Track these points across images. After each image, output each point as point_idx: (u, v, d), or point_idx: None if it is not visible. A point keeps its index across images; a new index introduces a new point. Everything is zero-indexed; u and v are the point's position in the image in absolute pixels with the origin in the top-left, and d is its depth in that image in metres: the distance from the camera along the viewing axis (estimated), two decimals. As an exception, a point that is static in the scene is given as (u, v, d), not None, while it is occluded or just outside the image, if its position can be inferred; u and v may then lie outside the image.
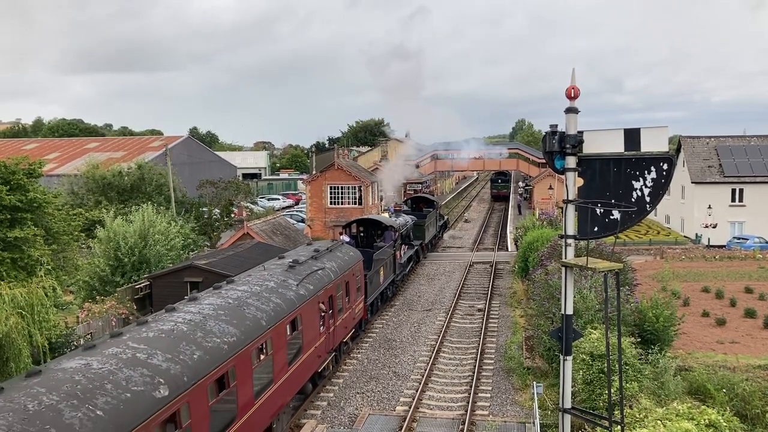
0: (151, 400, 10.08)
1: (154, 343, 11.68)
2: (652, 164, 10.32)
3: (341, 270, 22.00)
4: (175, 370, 11.11)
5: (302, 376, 17.67)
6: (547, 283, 22.71)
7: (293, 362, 16.77)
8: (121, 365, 10.54)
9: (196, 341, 12.31)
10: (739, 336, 27.07)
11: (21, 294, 16.69)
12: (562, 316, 11.32)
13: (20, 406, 8.57)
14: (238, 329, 13.69)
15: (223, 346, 12.78)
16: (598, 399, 15.47)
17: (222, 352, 12.59)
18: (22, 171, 26.70)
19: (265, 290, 16.56)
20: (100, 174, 46.45)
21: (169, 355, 11.40)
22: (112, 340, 11.86)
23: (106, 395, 9.52)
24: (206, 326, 13.10)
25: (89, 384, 9.63)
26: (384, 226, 32.12)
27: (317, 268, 20.17)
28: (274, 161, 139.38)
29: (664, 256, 44.01)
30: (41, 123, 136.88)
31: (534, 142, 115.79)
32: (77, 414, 8.79)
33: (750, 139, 56.92)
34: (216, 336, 12.93)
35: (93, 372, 10.05)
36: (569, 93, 10.71)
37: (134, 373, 10.44)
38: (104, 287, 27.56)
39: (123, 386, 9.94)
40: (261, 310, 15.20)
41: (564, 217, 11.30)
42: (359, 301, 24.59)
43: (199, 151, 77.70)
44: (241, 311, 14.64)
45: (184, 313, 13.70)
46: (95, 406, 9.18)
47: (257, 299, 15.69)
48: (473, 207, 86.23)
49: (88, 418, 8.84)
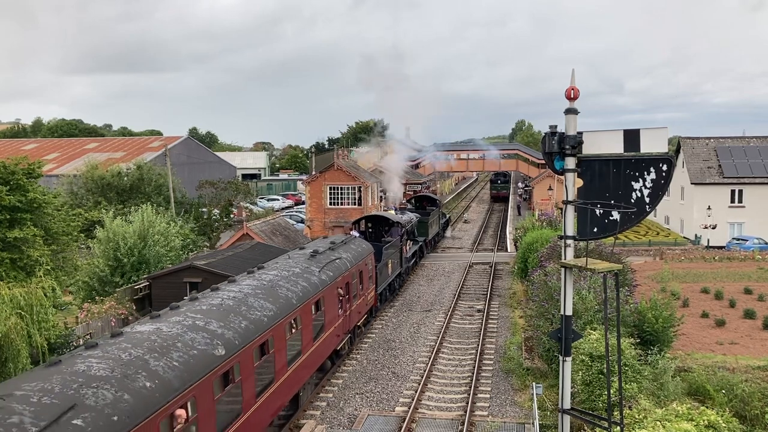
0: (212, 357, 12.19)
1: (208, 314, 13.81)
2: (652, 165, 10.33)
3: (355, 260, 23.95)
4: (228, 335, 13.20)
5: (324, 351, 19.87)
6: (547, 284, 22.71)
7: (317, 338, 18.94)
8: (186, 329, 12.63)
9: (241, 313, 14.49)
10: (739, 337, 27.08)
11: (20, 294, 16.69)
12: (562, 317, 11.32)
13: (116, 356, 10.71)
14: (274, 305, 15.87)
15: (263, 318, 14.96)
16: (597, 400, 15.47)
17: (263, 323, 14.78)
18: (21, 171, 26.71)
19: (293, 275, 18.69)
20: (100, 174, 46.48)
21: (222, 323, 13.52)
22: (171, 311, 13.91)
23: (178, 351, 11.60)
24: (248, 302, 15.24)
25: (164, 342, 11.71)
26: (391, 222, 33.82)
27: (335, 258, 22.11)
28: (273, 162, 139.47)
29: (664, 257, 44.04)
30: (41, 123, 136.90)
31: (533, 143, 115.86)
32: (160, 363, 10.93)
33: (749, 140, 56.96)
34: (257, 310, 15.11)
35: (164, 334, 12.15)
36: (569, 94, 10.72)
37: (197, 335, 12.56)
38: (103, 288, 27.55)
39: (190, 345, 12.06)
40: (291, 291, 17.40)
41: (563, 217, 11.31)
42: (371, 290, 26.44)
43: (199, 152, 77.71)
44: (275, 291, 16.80)
45: (227, 292, 15.77)
46: (172, 358, 11.26)
47: (287, 282, 17.90)
48: (473, 208, 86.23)
49: (169, 366, 11.00)
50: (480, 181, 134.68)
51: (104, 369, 10.12)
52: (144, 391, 10.01)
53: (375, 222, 34.30)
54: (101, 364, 10.31)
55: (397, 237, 32.95)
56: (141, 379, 10.25)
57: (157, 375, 10.58)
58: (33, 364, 15.75)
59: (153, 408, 9.92)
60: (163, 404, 10.18)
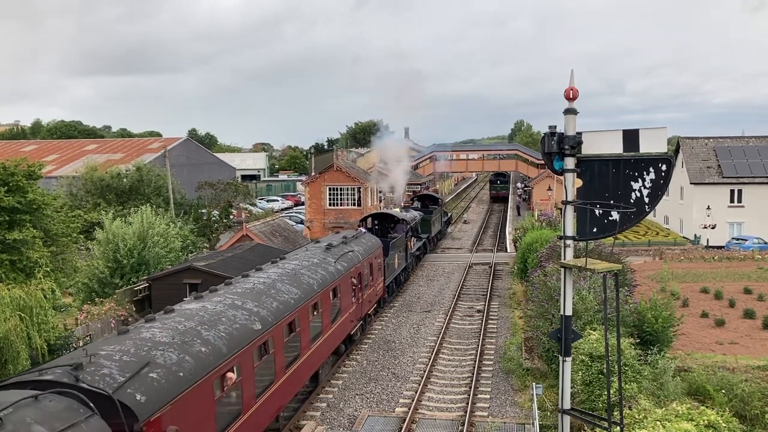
0: (251, 331, 14.18)
1: (244, 296, 15.73)
2: (651, 165, 10.32)
3: (366, 254, 25.75)
4: (263, 313, 15.20)
5: (340, 334, 21.82)
6: (546, 284, 22.71)
7: (334, 321, 20.89)
8: (227, 307, 14.59)
9: (272, 295, 16.54)
10: (738, 337, 27.09)
11: (20, 296, 16.69)
12: (561, 317, 11.32)
13: (173, 327, 12.67)
14: (298, 290, 17.90)
15: (290, 300, 17.00)
16: (597, 400, 15.47)
17: (290, 304, 16.81)
18: (21, 173, 26.68)
19: (312, 264, 20.67)
20: (99, 176, 46.44)
21: (256, 303, 15.51)
22: (211, 293, 15.81)
23: (223, 324, 13.58)
24: (276, 286, 17.28)
25: (211, 317, 13.71)
26: (397, 219, 35.60)
27: (348, 250, 24.05)
28: (273, 163, 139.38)
29: (663, 257, 44.05)
30: (40, 125, 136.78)
31: (533, 143, 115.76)
32: (210, 333, 12.91)
33: (749, 139, 56.97)
34: (284, 293, 17.16)
35: (210, 310, 14.12)
36: (568, 94, 10.71)
37: (237, 312, 14.53)
38: (103, 289, 27.53)
39: (232, 320, 14.05)
40: (312, 278, 19.42)
41: (563, 218, 11.31)
42: (380, 281, 28.25)
43: (198, 153, 77.67)
44: (298, 278, 18.85)
45: (256, 278, 17.74)
46: (219, 330, 13.22)
47: (308, 270, 19.91)
48: (472, 208, 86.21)
49: (218, 336, 12.95)
50: (479, 181, 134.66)
51: (166, 336, 12.09)
52: (201, 355, 12.00)
53: (381, 219, 35.78)
54: (163, 332, 12.28)
55: (402, 233, 34.31)
56: (197, 344, 12.23)
57: (209, 342, 12.57)
58: (32, 366, 15.73)
59: (208, 368, 11.93)
60: (215, 366, 12.20)
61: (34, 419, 8.24)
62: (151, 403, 9.99)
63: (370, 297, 26.07)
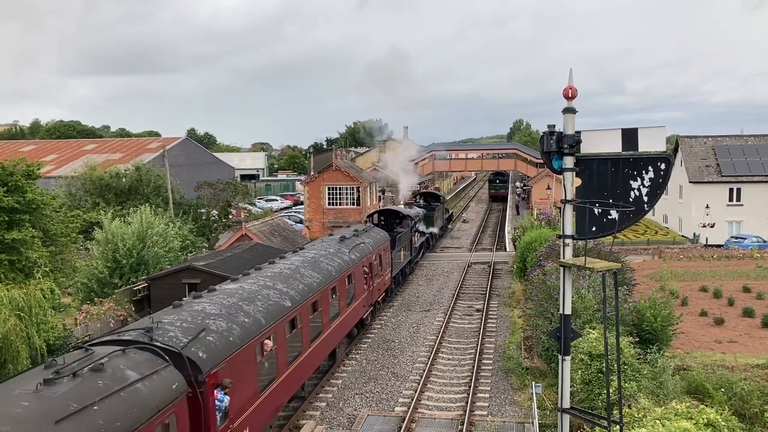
0: (283, 307, 16.42)
1: (274, 278, 17.92)
2: (650, 164, 10.32)
3: (375, 246, 27.79)
4: (291, 293, 17.44)
5: (354, 318, 23.88)
6: (546, 283, 22.71)
7: (349, 305, 23.05)
8: (261, 287, 16.79)
9: (297, 278, 18.73)
10: (738, 335, 27.11)
11: (19, 296, 16.69)
12: (561, 316, 11.32)
13: (219, 302, 14.87)
14: (319, 275, 20.12)
15: (313, 283, 19.18)
16: (596, 399, 15.47)
17: (314, 287, 19.02)
18: (20, 172, 26.64)
19: (329, 254, 22.80)
20: (98, 175, 46.37)
21: (285, 285, 17.74)
22: (244, 276, 17.96)
23: (260, 301, 15.80)
24: (300, 271, 19.50)
25: (248, 295, 15.90)
26: (402, 215, 37.57)
27: (360, 242, 26.13)
28: (272, 162, 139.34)
29: (662, 256, 44.08)
30: (38, 125, 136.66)
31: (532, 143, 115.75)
32: (250, 307, 15.16)
33: (747, 138, 57.00)
34: (308, 277, 19.33)
35: (247, 290, 16.30)
36: (567, 93, 10.71)
37: (270, 291, 16.76)
38: (102, 289, 27.51)
39: (266, 297, 16.29)
40: (330, 265, 21.64)
41: (562, 217, 11.31)
42: (387, 272, 30.19)
43: (197, 153, 77.62)
44: (319, 264, 21.08)
45: (282, 265, 19.96)
46: (257, 305, 15.50)
47: (326, 258, 22.14)
48: (471, 207, 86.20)
49: (257, 310, 15.25)
50: (478, 180, 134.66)
51: (215, 309, 14.27)
52: (245, 324, 14.24)
53: (387, 215, 37.55)
54: (211, 306, 14.43)
55: (407, 229, 36.10)
56: (241, 316, 14.46)
57: (250, 314, 14.76)
58: (32, 365, 15.72)
59: (251, 335, 14.15)
60: (257, 334, 14.43)
61: (126, 366, 10.53)
62: (210, 360, 12.21)
63: (379, 285, 28.14)
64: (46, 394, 9.00)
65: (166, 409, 10.50)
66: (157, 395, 10.39)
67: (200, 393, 11.67)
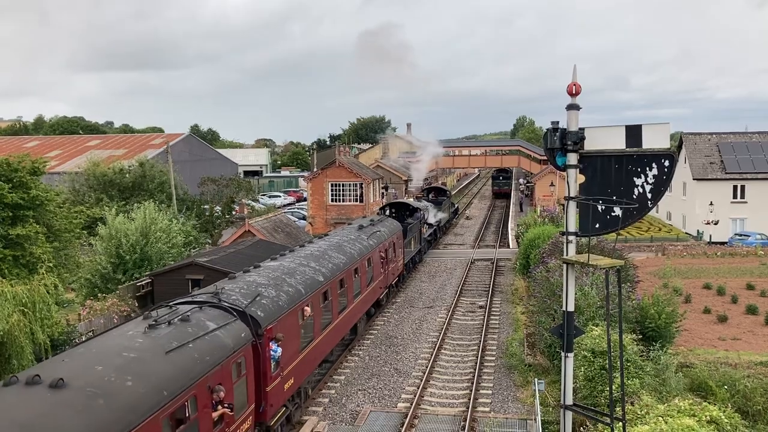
0: (317, 281, 19.30)
1: (306, 258, 20.86)
2: (654, 161, 10.28)
3: (389, 234, 30.30)
4: (323, 270, 20.32)
5: (372, 297, 26.47)
6: (549, 280, 22.70)
7: (369, 285, 25.65)
8: (298, 265, 19.68)
9: (326, 259, 21.62)
10: (741, 333, 27.07)
11: (23, 291, 16.72)
12: (564, 313, 11.31)
13: (266, 275, 17.70)
14: (344, 257, 22.96)
15: (339, 263, 22.00)
16: (599, 396, 15.48)
17: (340, 266, 21.79)
18: (24, 169, 26.67)
19: (350, 240, 25.57)
20: (102, 171, 46.41)
21: (316, 263, 20.61)
22: (281, 257, 20.97)
23: (299, 275, 18.66)
24: (328, 253, 22.28)
25: (289, 270, 18.80)
26: (412, 208, 40.40)
27: (376, 230, 28.77)
28: (275, 159, 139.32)
29: (666, 253, 44.00)
30: (42, 121, 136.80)
31: (535, 139, 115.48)
32: (291, 279, 18.02)
33: (752, 135, 56.77)
34: (335, 258, 22.18)
35: (286, 266, 19.22)
36: (570, 90, 10.67)
37: (305, 268, 19.69)
38: (106, 285, 27.59)
39: (303, 273, 19.14)
40: (353, 249, 24.48)
41: (565, 214, 11.28)
42: (400, 259, 32.60)
43: (201, 149, 77.68)
44: (343, 248, 23.86)
45: (311, 248, 22.91)
46: (296, 278, 18.35)
47: (348, 243, 24.90)
48: (474, 204, 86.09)
49: (297, 282, 18.12)
50: (482, 177, 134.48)
51: (264, 280, 17.09)
52: (289, 292, 17.15)
53: (398, 208, 39.96)
54: (260, 278, 17.28)
55: (417, 220, 38.49)
56: (285, 286, 17.32)
57: (292, 285, 17.63)
58: (36, 361, 15.77)
59: (295, 301, 17.00)
60: (299, 300, 17.23)
61: (205, 318, 13.34)
62: (266, 318, 14.97)
63: (393, 270, 30.62)
64: (153, 335, 11.89)
65: (238, 351, 13.32)
66: (231, 341, 13.20)
67: (259, 344, 14.37)
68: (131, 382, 10.18)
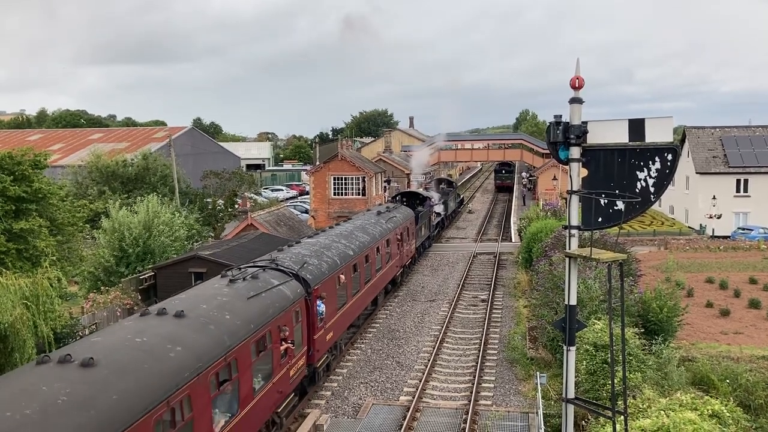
0: (348, 255, 22.72)
1: (337, 237, 24.23)
2: (657, 155, 10.25)
3: (404, 220, 33.43)
4: (353, 246, 23.90)
5: (390, 274, 29.83)
6: (551, 273, 22.70)
7: (387, 263, 28.82)
8: (331, 241, 23.23)
9: (354, 237, 25.10)
10: (743, 327, 27.05)
11: (26, 285, 16.75)
12: (566, 307, 11.31)
13: (308, 249, 21.19)
14: (368, 236, 26.37)
15: (365, 241, 25.45)
16: (601, 389, 15.50)
17: (366, 244, 25.32)
18: (28, 162, 26.66)
19: (371, 223, 28.72)
20: (104, 164, 46.40)
21: (346, 241, 24.03)
22: (316, 235, 24.78)
23: (327, 254, 21.40)
24: (354, 234, 25.71)
25: (325, 245, 22.35)
26: (422, 197, 43.38)
27: (392, 216, 31.77)
28: (277, 152, 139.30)
29: (668, 247, 43.94)
30: (45, 114, 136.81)
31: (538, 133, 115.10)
32: (329, 252, 21.57)
33: (755, 129, 56.59)
34: (360, 237, 25.58)
35: (322, 242, 22.76)
36: (573, 83, 10.63)
37: (338, 244, 23.12)
38: (109, 278, 27.65)
39: (337, 248, 22.57)
40: (374, 230, 27.73)
41: (568, 207, 11.27)
42: (413, 242, 35.67)
43: (203, 142, 77.63)
44: (367, 229, 27.30)
45: (340, 228, 26.44)
46: (332, 251, 21.80)
47: (371, 226, 28.16)
48: (477, 198, 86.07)
49: (333, 254, 21.60)
50: (484, 171, 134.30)
51: (307, 252, 20.62)
52: (329, 261, 20.61)
53: (409, 196, 42.85)
54: (303, 250, 20.81)
55: (427, 209, 41.43)
56: (325, 256, 20.84)
57: (329, 257, 21.05)
58: (39, 354, 15.81)
59: (333, 269, 20.52)
60: (336, 269, 20.78)
61: (269, 277, 16.78)
62: (313, 280, 18.40)
63: (407, 252, 33.63)
64: (234, 287, 15.37)
65: (296, 303, 16.80)
66: (291, 294, 16.67)
67: (309, 300, 17.76)
68: (229, 315, 13.65)
